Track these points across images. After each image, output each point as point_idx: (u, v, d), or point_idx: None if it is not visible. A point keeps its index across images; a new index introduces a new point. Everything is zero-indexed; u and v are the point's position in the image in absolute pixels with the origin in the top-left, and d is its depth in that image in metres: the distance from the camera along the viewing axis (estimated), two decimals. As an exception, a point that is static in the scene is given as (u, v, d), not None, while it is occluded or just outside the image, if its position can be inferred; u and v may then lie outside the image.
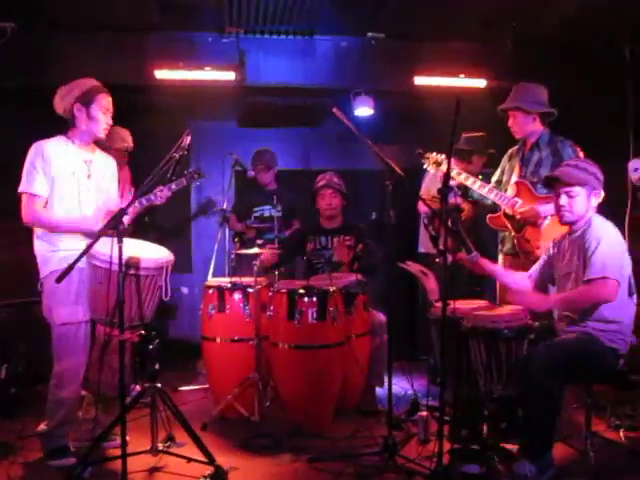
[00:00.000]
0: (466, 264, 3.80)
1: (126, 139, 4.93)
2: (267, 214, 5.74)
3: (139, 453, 3.54)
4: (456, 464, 3.38)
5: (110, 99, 3.68)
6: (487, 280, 4.63)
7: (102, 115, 3.63)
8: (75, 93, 3.58)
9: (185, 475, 3.40)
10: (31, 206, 3.51)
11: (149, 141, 5.11)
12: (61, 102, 3.61)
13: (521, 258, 4.20)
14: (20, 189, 3.53)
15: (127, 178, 4.93)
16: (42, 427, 3.61)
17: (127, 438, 3.17)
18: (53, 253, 3.52)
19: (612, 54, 5.29)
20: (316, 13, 5.12)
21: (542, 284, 3.75)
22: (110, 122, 3.70)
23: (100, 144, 4.24)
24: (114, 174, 3.89)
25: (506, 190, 4.32)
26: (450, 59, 5.56)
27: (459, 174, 4.23)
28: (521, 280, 3.80)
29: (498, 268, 4.01)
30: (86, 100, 3.59)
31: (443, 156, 4.22)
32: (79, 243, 3.43)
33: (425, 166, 4.31)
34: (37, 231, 3.59)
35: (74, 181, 3.58)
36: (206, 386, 4.82)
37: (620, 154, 4.91)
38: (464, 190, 4.40)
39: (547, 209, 4.02)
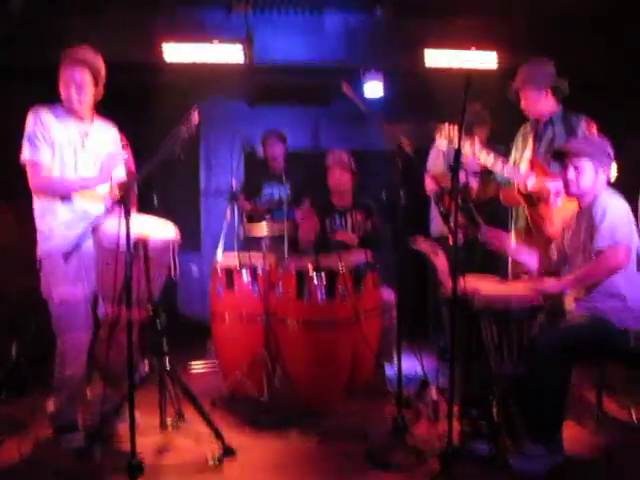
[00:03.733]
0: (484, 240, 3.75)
1: None
2: (276, 194, 5.71)
3: (148, 430, 3.56)
4: (466, 443, 3.37)
5: (80, 71, 3.49)
6: (502, 259, 4.58)
7: (66, 88, 3.50)
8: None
9: (194, 452, 3.41)
10: (38, 173, 3.46)
11: (157, 120, 5.07)
12: None
13: (534, 235, 4.15)
14: (23, 158, 3.47)
15: None
16: (50, 404, 3.62)
17: (136, 415, 3.18)
18: (53, 232, 3.50)
19: (627, 24, 5.19)
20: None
21: (557, 267, 3.69)
22: (77, 96, 3.51)
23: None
24: (117, 141, 3.82)
25: (519, 167, 4.27)
26: (461, 34, 5.47)
27: (475, 152, 4.16)
28: (532, 258, 3.76)
29: (512, 243, 3.95)
30: (58, 72, 3.52)
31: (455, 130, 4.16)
32: (81, 224, 3.43)
33: (437, 137, 4.24)
34: (38, 208, 3.55)
35: (71, 150, 3.54)
36: (216, 364, 4.82)
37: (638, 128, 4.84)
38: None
39: (558, 185, 3.98)
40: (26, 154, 3.47)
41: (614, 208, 3.32)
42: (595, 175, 3.40)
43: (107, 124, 3.81)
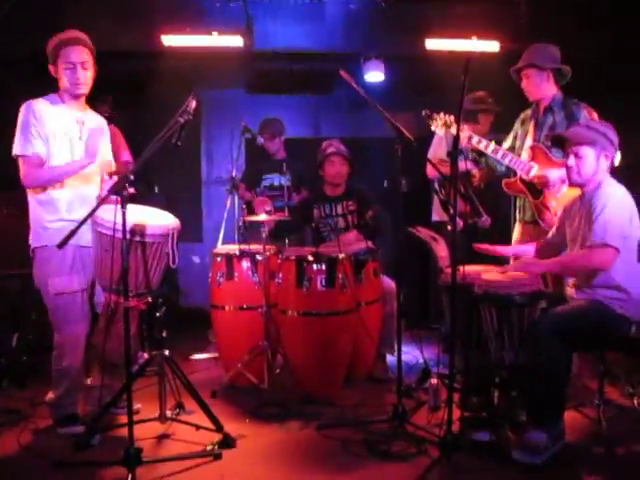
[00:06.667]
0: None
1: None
2: (276, 183, 5.68)
3: (147, 420, 3.55)
4: (466, 432, 3.35)
5: (80, 50, 3.45)
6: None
7: (69, 70, 3.44)
8: (48, 53, 3.47)
9: (193, 442, 3.41)
10: (31, 168, 3.42)
11: (157, 108, 5.04)
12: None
13: (541, 226, 4.11)
14: (16, 152, 3.43)
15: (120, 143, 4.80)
16: (50, 396, 3.61)
17: (137, 406, 3.17)
18: (51, 224, 3.46)
19: (630, 11, 5.13)
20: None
21: (551, 250, 3.68)
22: (84, 75, 3.47)
23: None
24: (106, 134, 3.79)
25: (520, 155, 4.23)
26: (462, 21, 5.43)
27: (471, 137, 4.13)
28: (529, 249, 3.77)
29: (508, 249, 3.98)
30: (53, 58, 3.47)
31: (452, 117, 4.11)
32: (76, 210, 3.43)
33: (433, 128, 4.19)
34: (32, 198, 3.51)
35: (66, 142, 3.49)
36: (217, 355, 4.82)
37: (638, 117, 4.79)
38: (476, 155, 4.31)
39: (562, 173, 3.93)
40: (17, 148, 3.42)
41: (614, 203, 3.26)
42: (596, 162, 3.36)
43: (96, 115, 3.77)
